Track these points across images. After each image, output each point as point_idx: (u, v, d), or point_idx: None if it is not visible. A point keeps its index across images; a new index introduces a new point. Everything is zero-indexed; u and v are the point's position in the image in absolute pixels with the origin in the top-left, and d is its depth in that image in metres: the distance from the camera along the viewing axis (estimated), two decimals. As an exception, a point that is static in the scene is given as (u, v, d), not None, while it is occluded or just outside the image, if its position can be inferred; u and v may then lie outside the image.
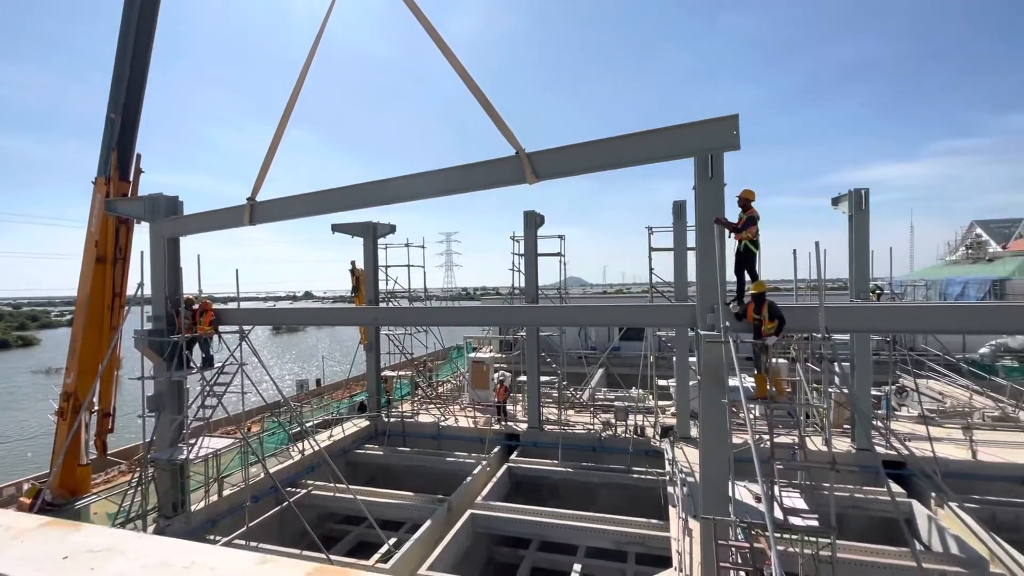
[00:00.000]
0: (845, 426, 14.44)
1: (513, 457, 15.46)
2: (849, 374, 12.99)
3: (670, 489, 11.73)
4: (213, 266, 15.71)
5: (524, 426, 16.78)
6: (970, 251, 44.40)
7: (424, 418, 18.10)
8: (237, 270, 12.53)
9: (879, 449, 12.93)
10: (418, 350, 21.07)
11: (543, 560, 12.42)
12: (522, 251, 16.89)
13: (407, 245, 19.44)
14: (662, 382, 17.33)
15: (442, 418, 17.96)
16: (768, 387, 7.18)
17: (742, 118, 6.34)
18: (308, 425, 16.09)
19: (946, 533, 10.18)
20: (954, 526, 10.15)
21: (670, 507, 11.21)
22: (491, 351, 27.99)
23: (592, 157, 7.19)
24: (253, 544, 10.90)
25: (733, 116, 6.25)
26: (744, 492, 8.26)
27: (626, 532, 11.25)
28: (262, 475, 12.60)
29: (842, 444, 13.63)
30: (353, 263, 18.71)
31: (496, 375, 18.67)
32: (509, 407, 18.18)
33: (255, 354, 11.73)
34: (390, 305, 19.05)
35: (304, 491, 13.23)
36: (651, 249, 15.88)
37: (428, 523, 11.19)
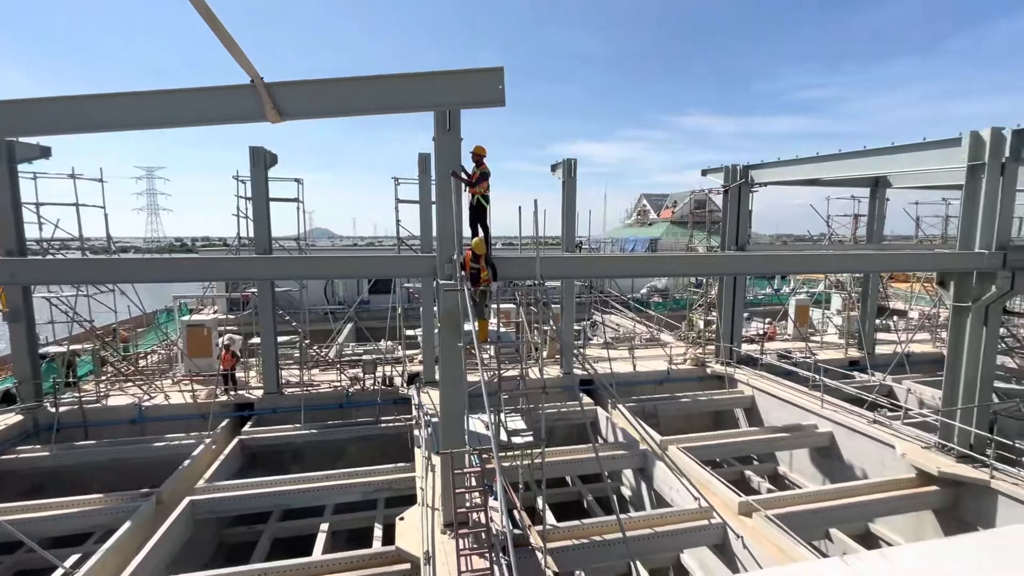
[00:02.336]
0: (556, 356, 17.61)
1: (246, 428, 13.77)
2: (560, 313, 15.79)
3: (416, 432, 12.33)
4: None
5: (259, 393, 15.04)
6: (639, 217, 58.65)
7: (117, 400, 14.39)
8: None
9: (578, 372, 16.24)
10: (105, 317, 16.40)
11: (286, 529, 11.64)
12: (250, 194, 14.54)
13: (73, 177, 14.46)
14: (411, 332, 17.81)
15: (145, 397, 14.61)
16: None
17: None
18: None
19: (616, 427, 13.60)
20: (621, 421, 13.59)
21: (416, 449, 11.81)
22: (215, 312, 23.92)
23: (347, 97, 6.28)
24: None
25: (498, 69, 5.98)
26: (478, 423, 9.24)
27: (374, 481, 11.40)
28: None
29: (553, 371, 16.61)
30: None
31: (221, 339, 16.04)
32: (240, 374, 15.98)
33: None
34: (51, 257, 14.07)
35: None
36: (398, 201, 15.73)
37: (127, 526, 9.07)
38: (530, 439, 8.16)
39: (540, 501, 8.86)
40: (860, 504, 10.19)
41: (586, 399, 15.43)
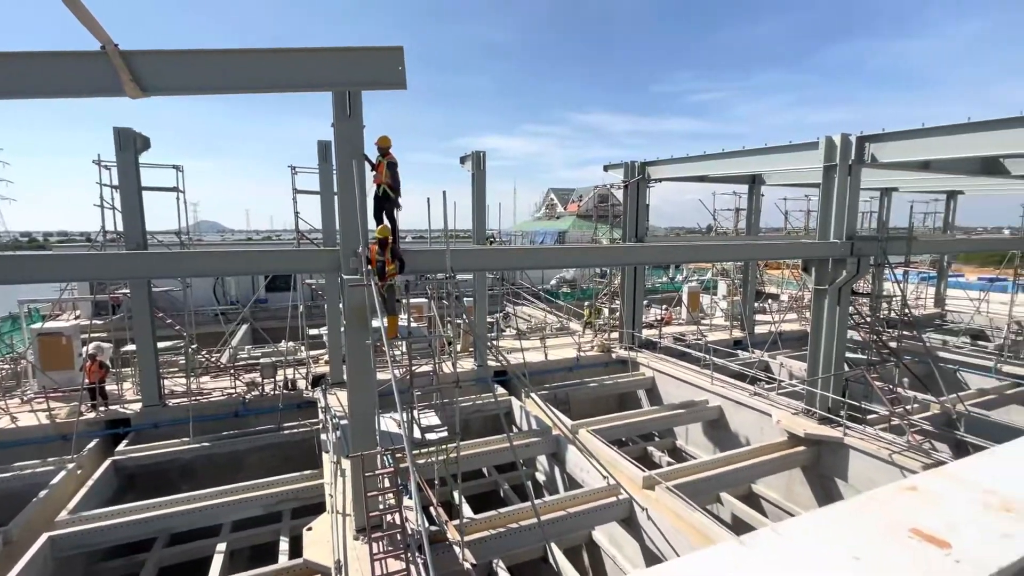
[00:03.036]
0: (470, 349, 17.59)
1: (121, 448, 12.16)
2: (472, 306, 15.77)
3: (323, 436, 11.68)
4: None
5: (137, 407, 13.35)
6: (547, 211, 60.29)
7: (-55, 428, 12.01)
8: None
9: (492, 363, 16.36)
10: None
11: (175, 555, 10.46)
12: (117, 182, 12.75)
13: None
14: (315, 331, 16.79)
15: (-15, 421, 12.34)
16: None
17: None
18: None
19: (530, 416, 13.91)
20: (534, 409, 13.92)
21: (323, 454, 11.19)
22: (77, 318, 20.80)
23: (222, 71, 5.64)
24: None
25: (397, 48, 5.65)
26: (390, 422, 8.97)
27: (278, 492, 10.64)
28: None
29: (467, 364, 16.58)
30: None
31: (86, 348, 13.95)
32: (111, 387, 14.06)
33: None
34: None
35: None
36: (296, 191, 14.69)
37: (-39, 577, 7.63)
38: (444, 434, 8.08)
39: (457, 495, 8.83)
40: (745, 468, 11.38)
41: (500, 390, 15.61)
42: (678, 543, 8.75)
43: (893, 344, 14.57)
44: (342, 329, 13.89)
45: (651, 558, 9.45)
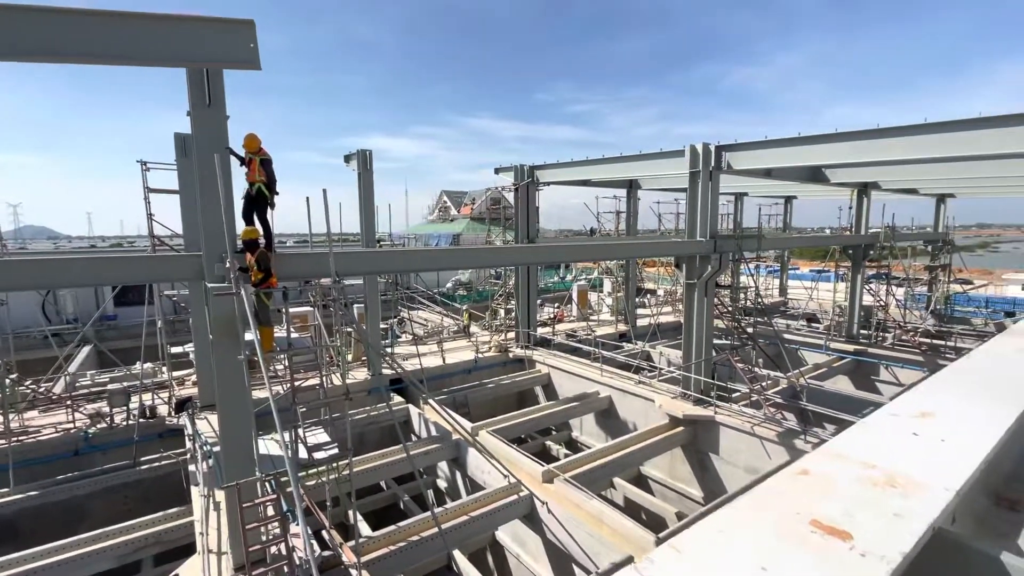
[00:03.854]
0: (363, 358, 16.73)
1: (-93, 511, 9.64)
2: (364, 312, 15.02)
3: (192, 468, 10.30)
4: None
5: (-69, 457, 10.67)
6: (441, 213, 59.79)
7: None
8: None
9: (387, 372, 15.71)
10: None
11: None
12: None
13: None
14: (178, 349, 14.79)
15: None
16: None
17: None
18: None
19: (429, 422, 13.58)
20: (433, 415, 13.61)
21: (192, 488, 9.87)
22: None
23: (19, 32, 4.63)
24: None
25: (247, 22, 5.03)
26: (271, 444, 8.15)
27: (135, 538, 9.16)
28: None
29: (361, 374, 15.75)
30: None
31: None
32: None
33: None
34: None
35: None
36: (148, 190, 12.81)
37: None
38: (335, 451, 7.51)
39: (352, 514, 8.29)
40: (633, 453, 12.17)
41: (397, 399, 15.07)
42: (577, 532, 9.07)
43: (750, 330, 16.58)
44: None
45: (553, 550, 9.69)
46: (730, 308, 15.70)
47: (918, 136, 9.97)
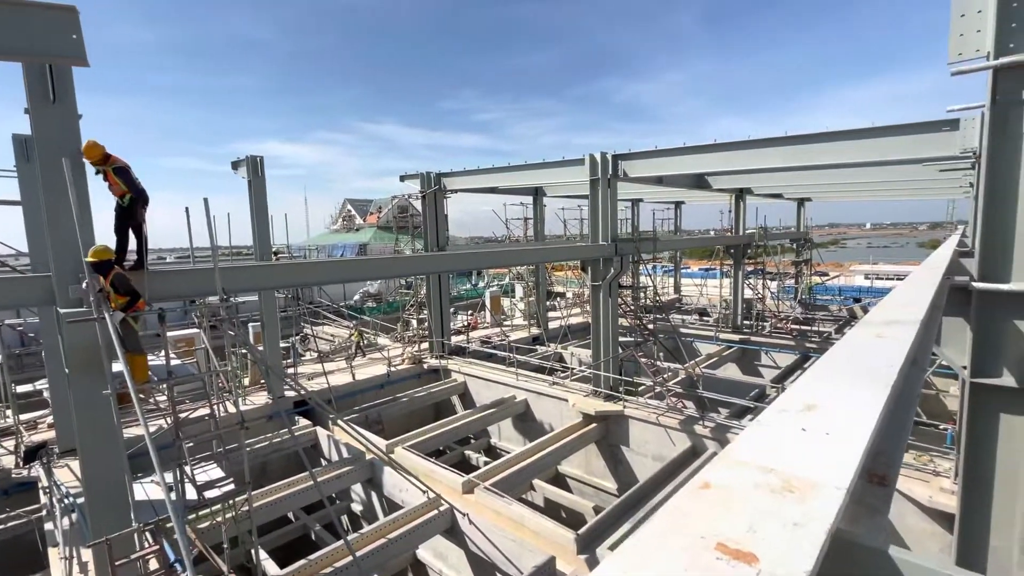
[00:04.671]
0: (261, 381, 15.41)
1: None
2: (261, 331, 13.85)
3: (48, 526, 8.78)
4: None
5: None
6: (345, 223, 57.24)
7: None
8: None
9: (290, 393, 14.60)
10: None
11: None
12: None
13: None
14: (27, 388, 12.59)
15: None
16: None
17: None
18: None
19: (340, 444, 12.81)
20: (344, 436, 12.87)
21: (51, 549, 8.40)
22: None
23: None
24: None
25: (69, 8, 4.37)
26: (152, 488, 7.19)
27: (-29, 621, 7.59)
28: None
29: (260, 398, 14.49)
30: None
31: None
32: None
33: None
34: None
35: None
36: (-20, 201, 10.81)
37: None
38: (231, 487, 6.80)
39: (254, 554, 7.53)
40: (551, 453, 12.41)
41: (303, 422, 14.05)
42: (499, 540, 9.02)
43: (651, 326, 17.71)
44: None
45: (476, 561, 9.55)
46: (632, 307, 16.66)
47: (780, 147, 11.31)
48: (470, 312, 26.41)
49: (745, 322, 23.50)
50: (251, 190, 13.42)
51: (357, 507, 12.61)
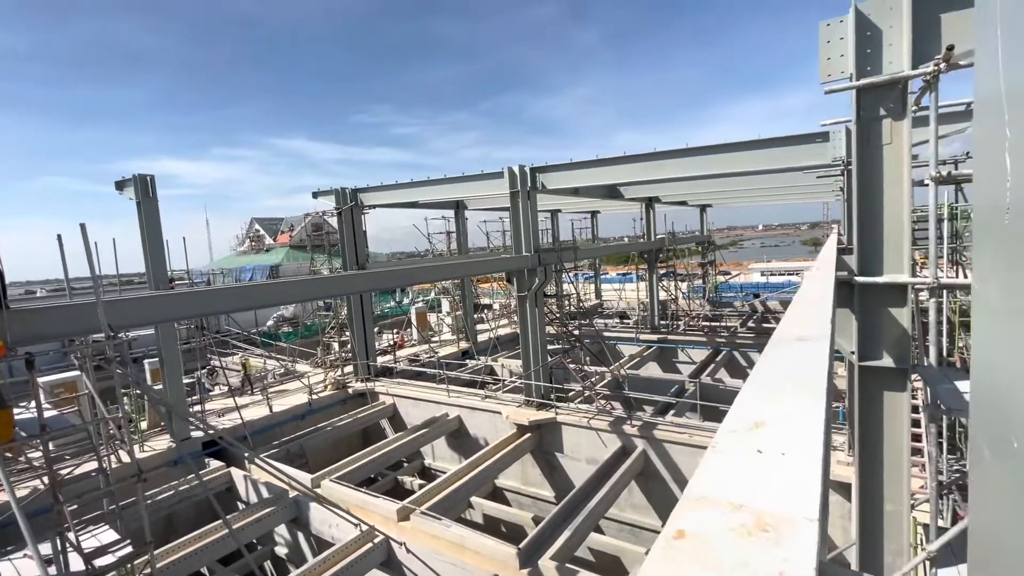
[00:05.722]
0: (162, 424, 13.85)
1: None
2: (159, 369, 12.45)
3: None
4: None
5: None
6: (253, 243, 53.53)
7: None
8: None
9: (198, 434, 13.24)
10: None
11: None
12: None
13: None
14: None
15: None
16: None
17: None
18: None
19: (259, 484, 11.79)
20: (263, 475, 11.86)
21: None
22: None
23: None
24: None
25: None
26: (26, 565, 6.15)
27: None
28: None
29: (161, 443, 13.00)
30: None
31: None
32: None
33: None
34: None
35: None
36: None
37: None
38: (128, 550, 5.98)
39: (160, 623, 6.66)
40: (487, 468, 12.26)
41: (215, 463, 12.78)
42: (439, 565, 8.72)
43: (577, 332, 18.23)
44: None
45: (416, 591, 9.15)
46: (558, 314, 17.06)
47: (683, 158, 12.17)
48: (396, 330, 25.63)
49: (662, 322, 24.90)
50: (141, 212, 12.12)
51: (282, 550, 11.65)
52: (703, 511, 0.77)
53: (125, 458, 10.49)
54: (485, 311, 31.42)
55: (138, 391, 11.83)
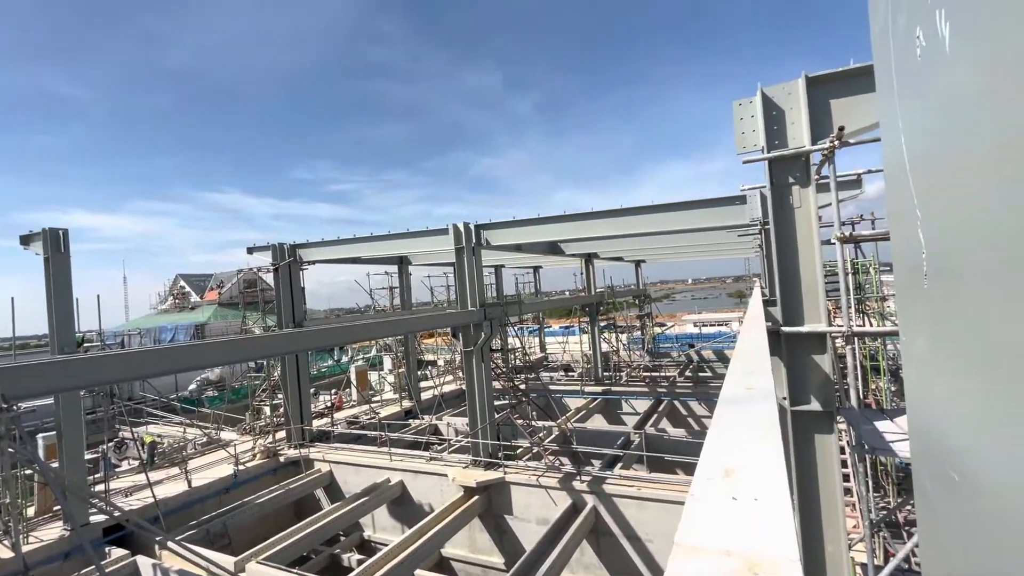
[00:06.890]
0: (56, 508, 12.06)
1: None
2: (55, 444, 10.99)
3: None
4: None
5: None
6: (177, 300, 49.98)
7: None
8: None
9: (100, 518, 11.62)
10: None
11: None
12: None
13: None
14: None
15: None
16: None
17: None
18: None
19: (171, 572, 10.38)
20: (178, 561, 10.48)
21: None
22: None
23: None
24: None
25: None
26: None
27: None
28: None
29: (53, 531, 11.27)
30: None
31: None
32: None
33: None
34: None
35: None
36: None
37: None
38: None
39: None
40: (433, 537, 11.54)
41: (119, 552, 11.17)
42: (381, 652, 7.91)
43: (523, 386, 18.12)
44: None
45: None
46: (504, 369, 16.96)
47: (617, 218, 12.94)
48: (334, 391, 24.31)
49: (605, 373, 25.32)
50: (49, 269, 11.10)
51: (195, 653, 10.14)
52: (697, 563, 0.80)
53: (7, 553, 8.98)
54: (429, 367, 30.66)
55: (29, 470, 10.30)
